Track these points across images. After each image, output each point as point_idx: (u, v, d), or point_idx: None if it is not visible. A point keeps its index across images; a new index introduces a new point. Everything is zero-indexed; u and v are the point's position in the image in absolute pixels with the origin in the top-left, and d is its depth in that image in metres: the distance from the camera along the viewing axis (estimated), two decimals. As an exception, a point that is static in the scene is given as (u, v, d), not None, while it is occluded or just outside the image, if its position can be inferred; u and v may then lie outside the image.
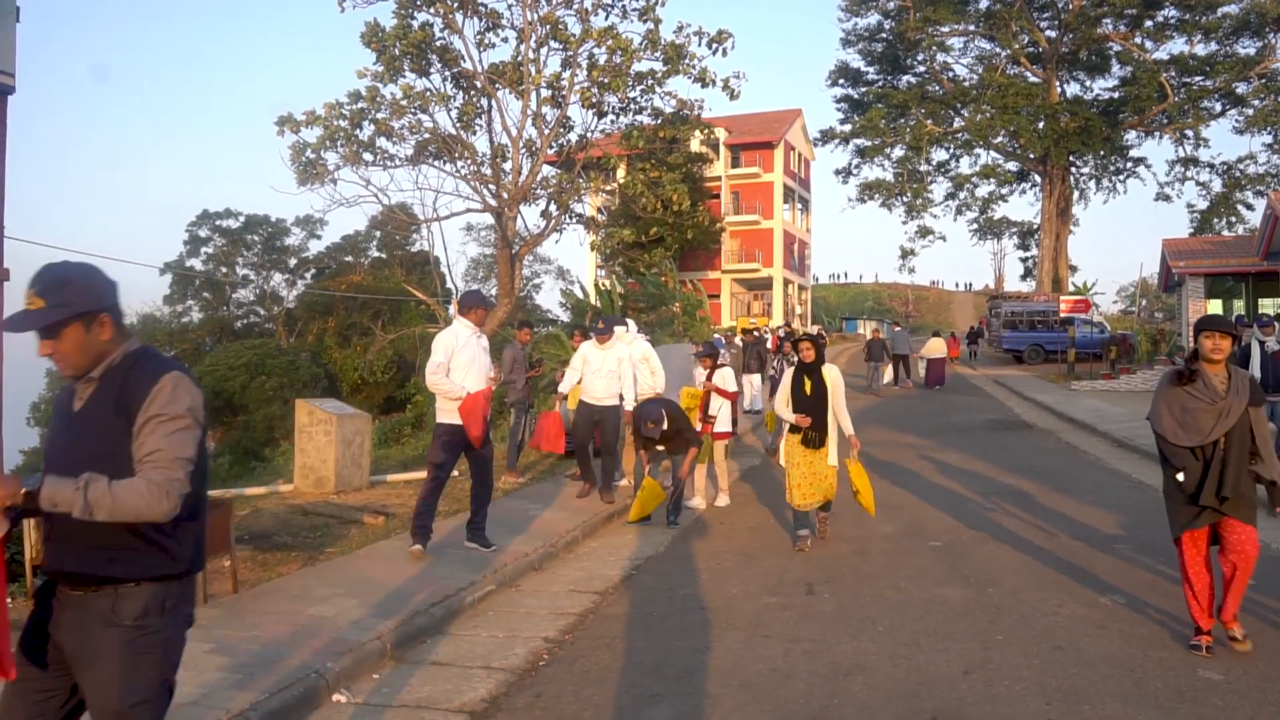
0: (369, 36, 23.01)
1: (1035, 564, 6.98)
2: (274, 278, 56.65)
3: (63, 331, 2.55)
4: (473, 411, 7.05)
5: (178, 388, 2.56)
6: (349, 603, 5.85)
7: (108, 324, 2.60)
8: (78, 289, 2.57)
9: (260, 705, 4.17)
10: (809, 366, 7.66)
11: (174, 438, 2.52)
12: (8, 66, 6.75)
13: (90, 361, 2.61)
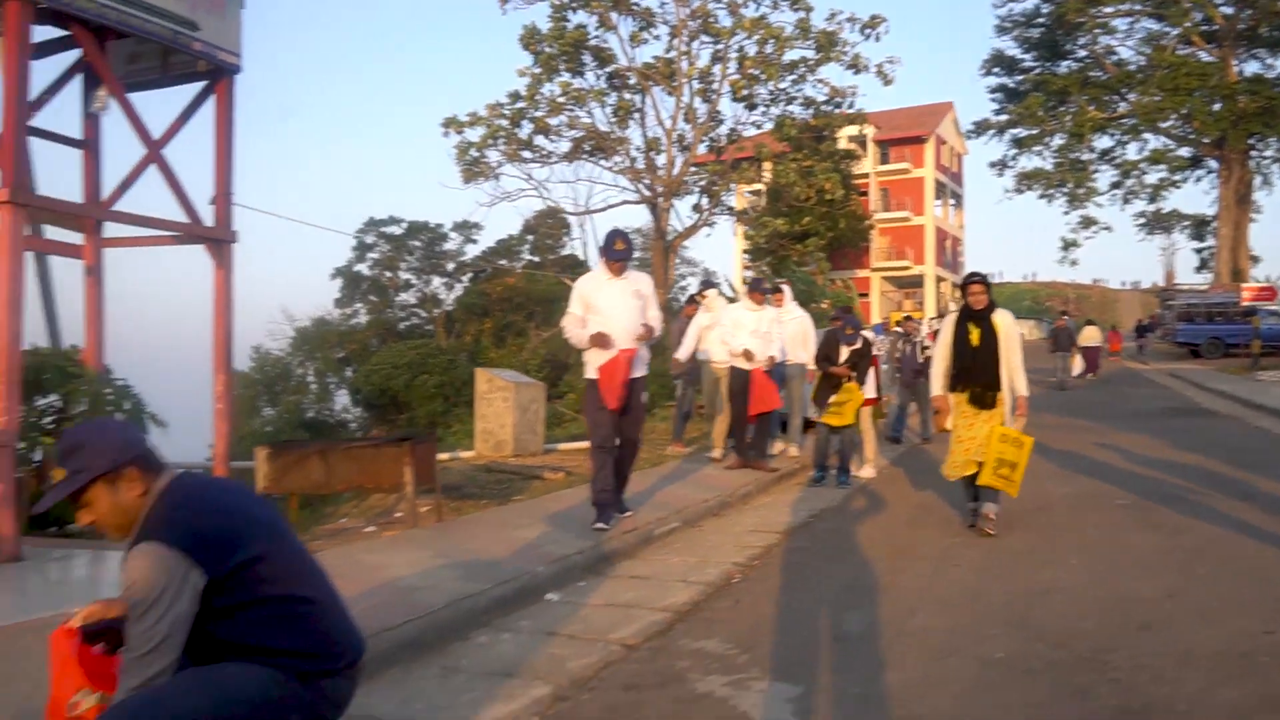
0: (527, 38, 23.87)
1: (1233, 518, 6.72)
2: (434, 281, 59.03)
3: (88, 497, 2.42)
4: (611, 375, 6.11)
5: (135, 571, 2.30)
6: (547, 529, 6.21)
7: (135, 478, 2.43)
8: (93, 450, 2.42)
9: (486, 593, 4.53)
10: (976, 313, 6.52)
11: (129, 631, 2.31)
12: (234, 48, 7.46)
13: (128, 520, 2.45)
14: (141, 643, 2.24)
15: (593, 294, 6.27)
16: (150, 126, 7.33)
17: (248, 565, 2.36)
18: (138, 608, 2.25)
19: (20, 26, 5.99)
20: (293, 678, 2.38)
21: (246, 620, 2.36)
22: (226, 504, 2.51)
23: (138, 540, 2.34)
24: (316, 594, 2.52)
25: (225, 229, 7.54)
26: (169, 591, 2.25)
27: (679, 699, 3.45)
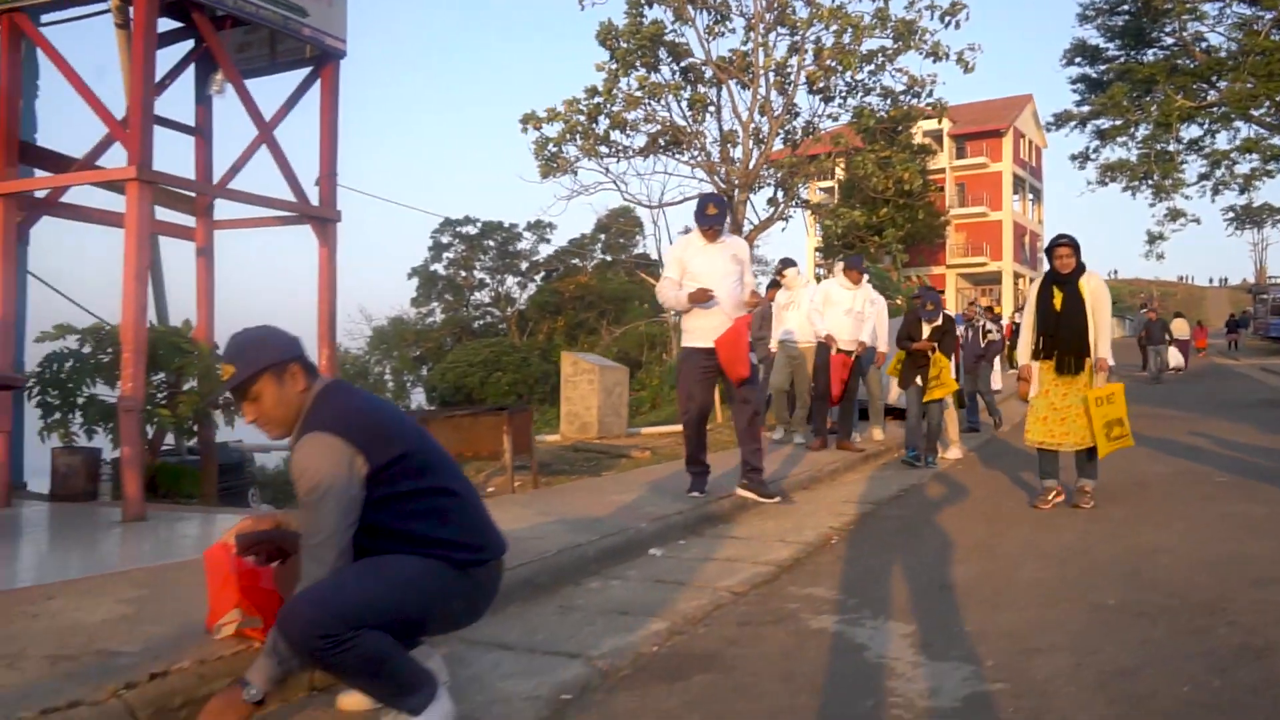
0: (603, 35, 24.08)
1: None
2: (507, 280, 59.79)
3: (256, 390, 2.56)
4: (733, 344, 5.85)
5: (304, 463, 2.45)
6: (643, 495, 6.33)
7: (298, 374, 2.59)
8: (258, 346, 2.58)
9: (594, 544, 4.66)
10: (1062, 277, 6.16)
11: (308, 515, 2.46)
12: (340, 33, 7.74)
13: (292, 415, 2.60)
14: (318, 528, 2.41)
15: (689, 258, 6.10)
16: (256, 113, 7.65)
17: (402, 458, 2.52)
18: (312, 494, 2.40)
19: (148, 15, 6.32)
20: (450, 566, 2.53)
21: (402, 511, 2.52)
22: (380, 404, 2.71)
23: (301, 433, 2.51)
24: (462, 490, 2.68)
25: (330, 208, 7.83)
26: (340, 478, 2.41)
27: (794, 633, 3.54)
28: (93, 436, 7.78)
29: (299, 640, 2.28)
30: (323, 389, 2.61)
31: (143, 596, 3.55)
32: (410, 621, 2.49)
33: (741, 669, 3.12)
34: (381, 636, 2.36)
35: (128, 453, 6.40)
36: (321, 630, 2.27)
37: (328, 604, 2.31)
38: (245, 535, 2.79)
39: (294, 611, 2.30)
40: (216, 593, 2.97)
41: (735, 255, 6.15)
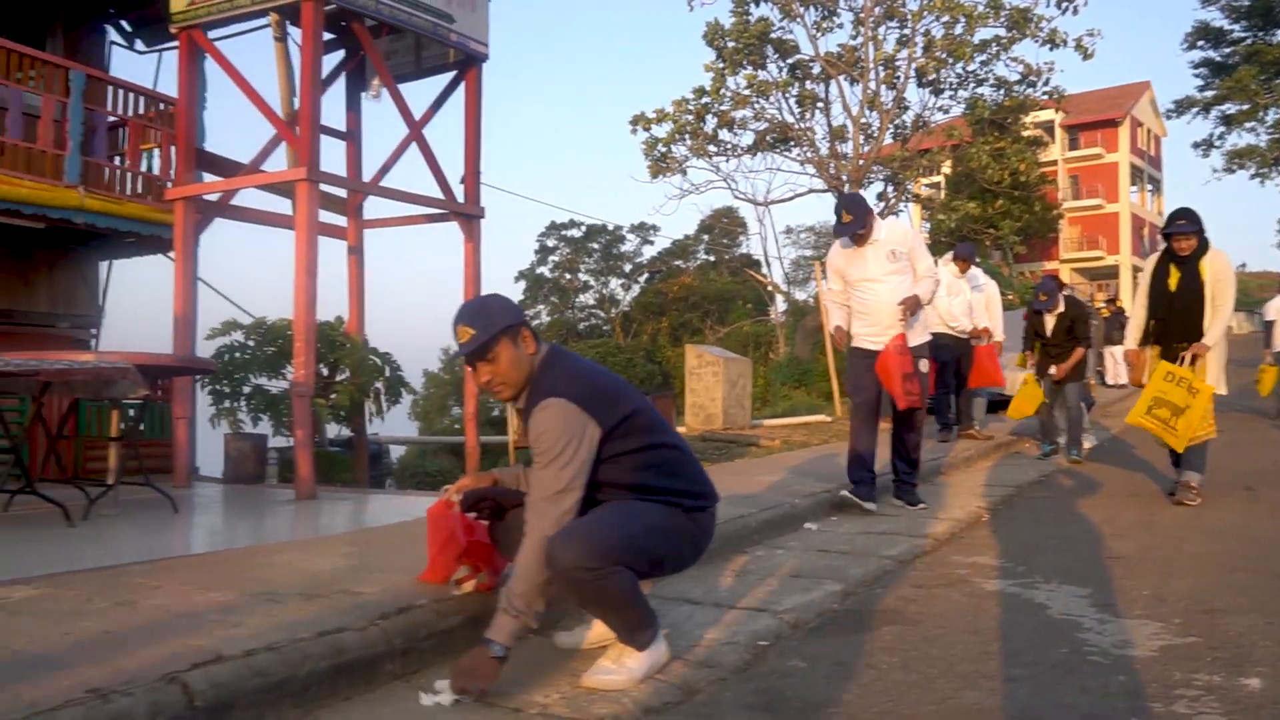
0: (711, 35, 24.22)
1: None
2: (611, 282, 60.43)
3: (495, 351, 2.70)
4: (885, 374, 5.36)
5: (547, 420, 2.61)
6: (786, 477, 6.47)
7: (529, 338, 2.75)
8: (496, 310, 2.74)
9: (754, 516, 4.83)
10: (1182, 258, 5.62)
11: (542, 474, 2.61)
12: (483, 38, 8.10)
13: (524, 377, 2.75)
14: (551, 485, 2.58)
15: (844, 266, 5.63)
16: (399, 116, 8.06)
17: (630, 417, 2.72)
18: (548, 454, 2.59)
19: (315, 26, 6.75)
20: (682, 512, 2.74)
21: (635, 465, 2.72)
22: (601, 369, 2.89)
23: (537, 397, 2.69)
24: (681, 444, 2.89)
25: (475, 205, 8.19)
26: (574, 440, 2.60)
27: (970, 594, 3.64)
28: (258, 423, 8.32)
29: (566, 571, 2.49)
30: (549, 353, 2.78)
31: (358, 553, 3.87)
32: (654, 560, 2.70)
33: (926, 623, 3.25)
34: (631, 574, 2.58)
35: (300, 435, 6.83)
36: (587, 563, 2.48)
37: (592, 540, 2.52)
38: (471, 492, 3.03)
39: (562, 545, 2.50)
40: (439, 548, 3.19)
41: (892, 252, 5.49)
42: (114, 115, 8.44)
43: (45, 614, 2.82)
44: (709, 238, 57.75)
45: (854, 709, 2.44)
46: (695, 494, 2.81)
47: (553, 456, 2.58)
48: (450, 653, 2.81)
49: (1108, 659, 2.77)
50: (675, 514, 2.74)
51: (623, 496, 2.71)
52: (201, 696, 2.18)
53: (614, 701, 2.51)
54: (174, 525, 5.34)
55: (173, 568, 3.62)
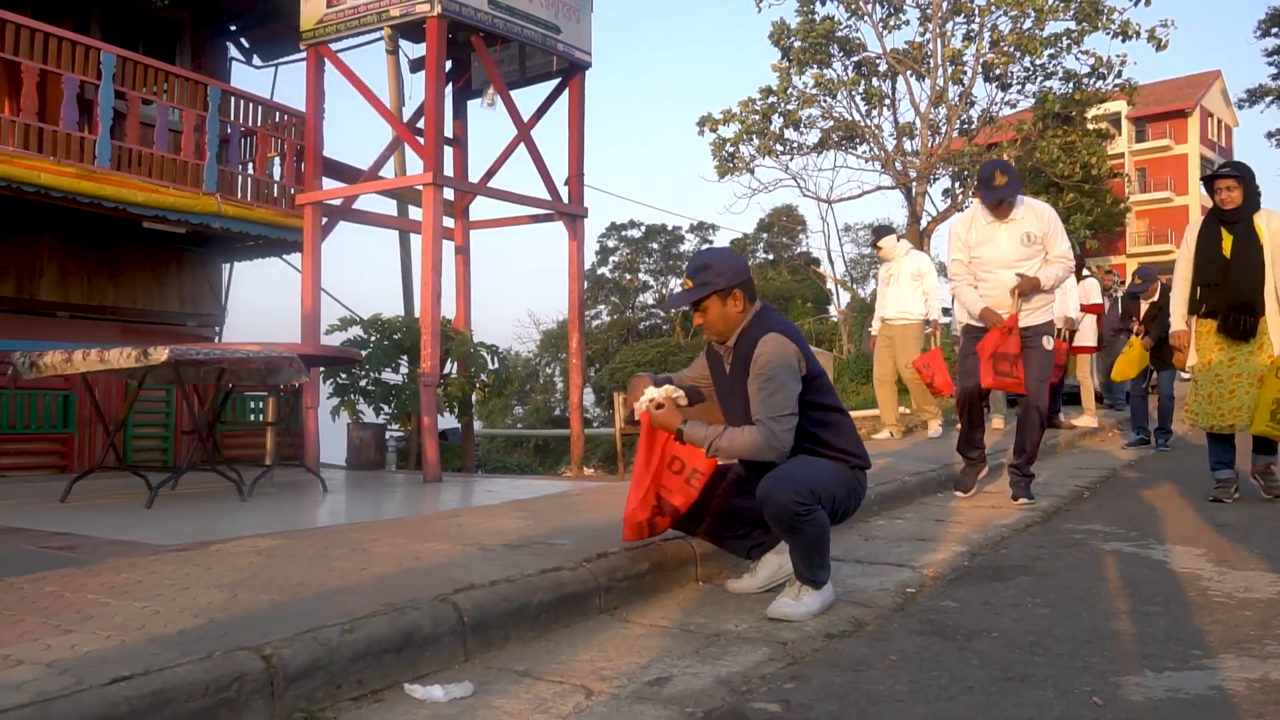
0: (777, 34, 24.48)
1: None
2: (671, 281, 60.80)
3: (705, 305, 3.16)
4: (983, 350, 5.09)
5: (773, 352, 3.03)
6: (890, 460, 6.80)
7: (739, 296, 3.15)
8: (714, 270, 3.14)
9: (872, 489, 5.17)
10: (1230, 214, 5.05)
11: (770, 400, 3.01)
12: (586, 46, 8.54)
13: (729, 328, 3.17)
14: (778, 408, 2.99)
15: (974, 242, 5.23)
16: (501, 124, 8.53)
17: (817, 377, 3.15)
18: (773, 381, 3.00)
19: (439, 40, 7.24)
20: (849, 469, 3.16)
21: (815, 420, 3.12)
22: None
23: (754, 335, 3.08)
24: (846, 412, 3.29)
25: (579, 205, 8.64)
26: (793, 372, 3.04)
27: (1090, 553, 3.97)
28: (379, 413, 8.87)
29: (782, 504, 2.92)
30: (759, 311, 3.18)
31: (529, 517, 4.31)
32: (834, 508, 3.10)
33: (1056, 575, 3.59)
34: (826, 515, 3.02)
35: (427, 422, 7.33)
36: (800, 499, 2.92)
37: (802, 481, 2.96)
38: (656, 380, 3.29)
39: (778, 485, 2.94)
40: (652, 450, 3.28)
41: (1028, 235, 5.08)
42: (243, 126, 9.03)
43: (298, 557, 3.29)
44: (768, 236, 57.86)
45: (1011, 634, 2.81)
46: (858, 455, 3.21)
47: (779, 384, 3.01)
48: (641, 593, 3.24)
49: (1233, 600, 3.09)
50: (846, 470, 3.16)
51: (804, 446, 3.10)
52: (467, 614, 2.62)
53: (797, 629, 2.90)
54: (334, 500, 5.85)
55: (375, 528, 4.10)
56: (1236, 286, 4.97)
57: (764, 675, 2.48)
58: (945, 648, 2.70)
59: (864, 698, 2.29)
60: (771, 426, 2.99)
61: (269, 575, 2.98)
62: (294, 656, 2.17)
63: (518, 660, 2.59)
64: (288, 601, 2.62)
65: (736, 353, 3.17)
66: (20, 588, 2.82)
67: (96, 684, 1.89)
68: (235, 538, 3.77)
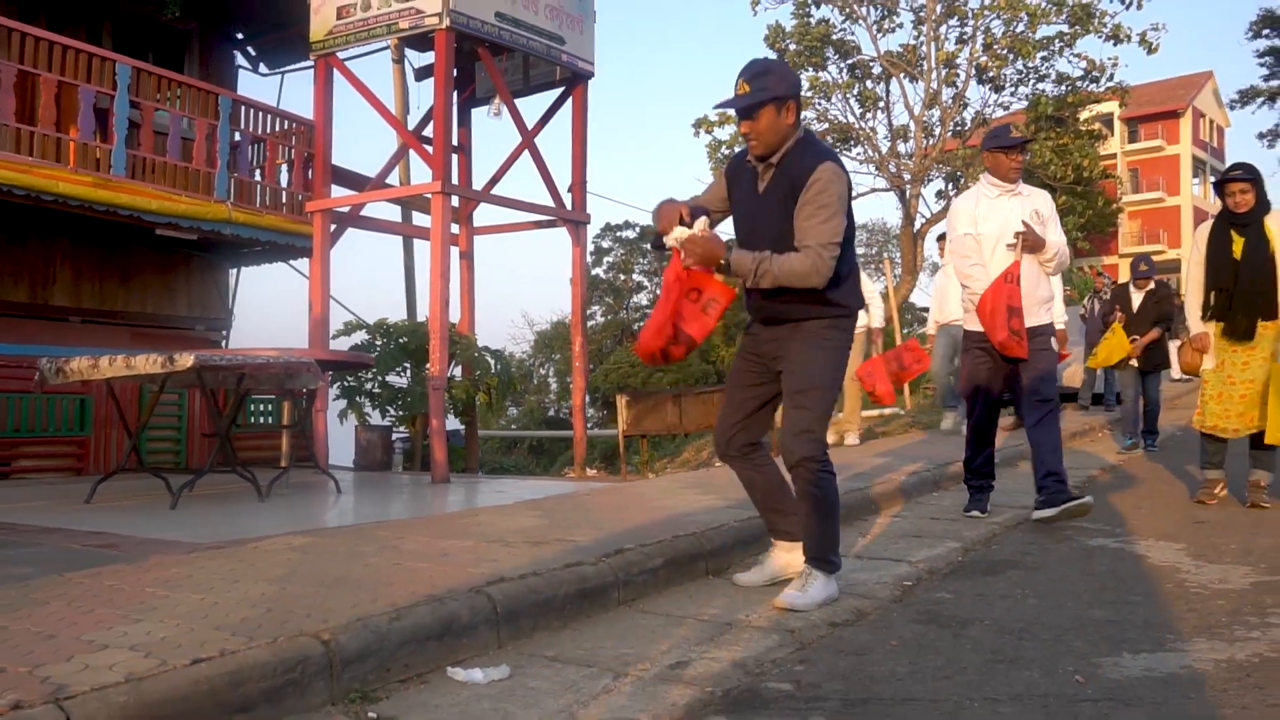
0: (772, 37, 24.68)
1: None
2: (665, 282, 61.02)
3: (759, 113, 3.06)
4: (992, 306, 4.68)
5: (830, 179, 3.03)
6: (886, 460, 7.03)
7: (793, 110, 3.09)
8: (775, 77, 3.07)
9: (870, 489, 5.42)
10: (1241, 218, 5.04)
11: (825, 227, 3.02)
12: (589, 57, 8.75)
13: (778, 142, 3.10)
14: (830, 235, 3.03)
15: (981, 215, 4.86)
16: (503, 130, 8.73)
17: (850, 220, 3.16)
18: (828, 208, 3.02)
19: (447, 52, 7.45)
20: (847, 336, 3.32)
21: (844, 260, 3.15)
22: None
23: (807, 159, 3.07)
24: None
25: (581, 212, 8.86)
26: (845, 202, 3.09)
27: (1078, 548, 4.19)
28: (385, 415, 9.08)
29: (804, 466, 3.16)
30: (809, 133, 3.17)
31: (544, 515, 4.52)
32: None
33: (1045, 569, 3.81)
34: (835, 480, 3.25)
35: (436, 425, 7.55)
36: (818, 456, 3.17)
37: (816, 435, 3.18)
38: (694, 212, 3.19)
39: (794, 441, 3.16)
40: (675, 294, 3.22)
41: (1037, 211, 4.81)
42: (253, 134, 9.23)
43: (332, 554, 3.50)
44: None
45: (1002, 622, 3.03)
46: (854, 305, 3.28)
47: (833, 212, 3.04)
48: (656, 586, 3.45)
49: (1207, 590, 3.32)
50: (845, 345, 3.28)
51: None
52: (500, 605, 2.83)
53: (804, 619, 3.11)
54: (350, 500, 6.05)
55: (399, 526, 4.31)
56: (1249, 290, 4.99)
57: (775, 659, 2.70)
58: (941, 634, 2.91)
59: (867, 678, 2.51)
60: (822, 253, 3.01)
61: (310, 570, 3.18)
62: (349, 642, 2.38)
63: (547, 647, 2.81)
64: (335, 593, 2.82)
65: (779, 172, 3.13)
66: (80, 582, 3.02)
67: (179, 665, 2.10)
68: (269, 536, 3.98)
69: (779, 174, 3.13)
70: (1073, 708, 2.24)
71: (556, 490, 6.18)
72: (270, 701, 2.18)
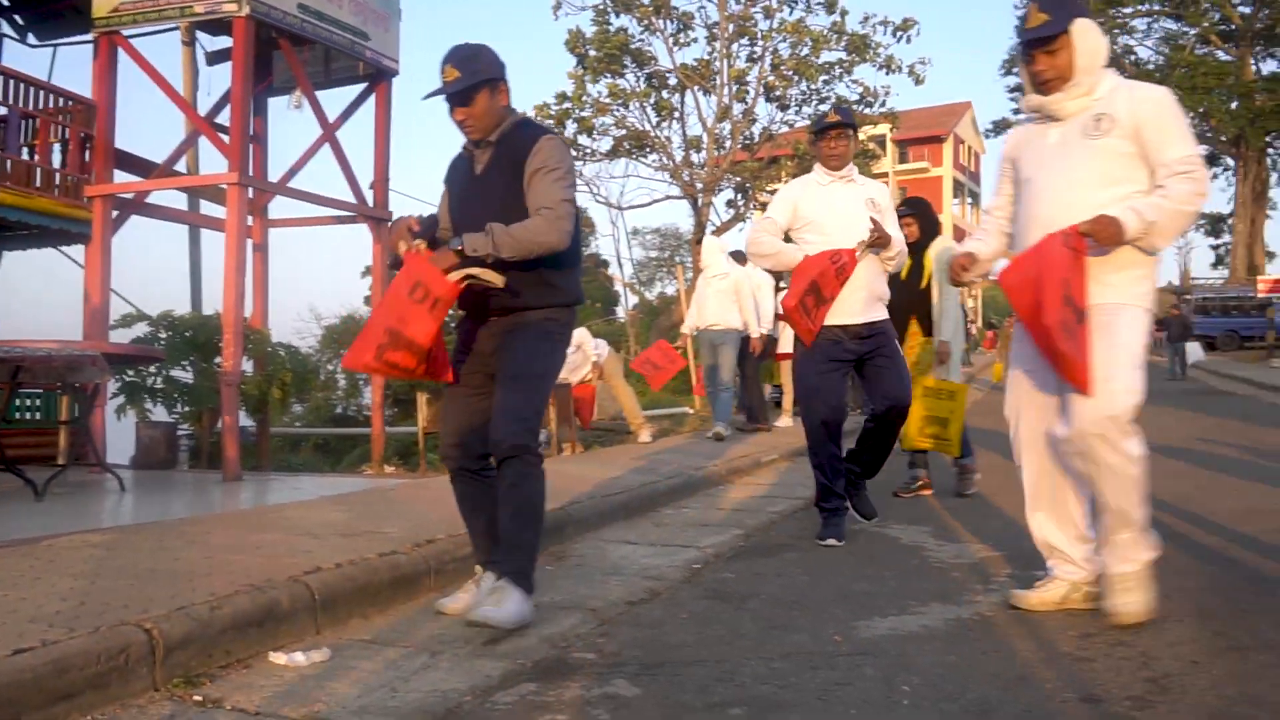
0: (572, 42, 25.10)
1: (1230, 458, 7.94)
2: (459, 278, 60.40)
3: (475, 97, 2.99)
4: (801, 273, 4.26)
5: (556, 146, 3.02)
6: (677, 456, 7.48)
7: (505, 91, 3.07)
8: (484, 61, 3.02)
9: (662, 481, 5.81)
10: (910, 246, 5.26)
11: (558, 186, 2.95)
12: (394, 55, 8.75)
13: (494, 124, 3.05)
14: (562, 195, 2.95)
15: (804, 200, 4.47)
16: (299, 121, 8.61)
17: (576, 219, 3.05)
18: (560, 169, 2.97)
19: (246, 41, 7.28)
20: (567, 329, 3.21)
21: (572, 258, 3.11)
22: None
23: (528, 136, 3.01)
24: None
25: (384, 209, 8.84)
26: (572, 167, 3.08)
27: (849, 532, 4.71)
28: (171, 411, 8.70)
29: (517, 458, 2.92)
30: (523, 118, 3.14)
31: (350, 509, 4.60)
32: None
33: (815, 551, 4.29)
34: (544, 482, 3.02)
35: (229, 421, 7.37)
36: (532, 443, 2.97)
37: (529, 422, 2.99)
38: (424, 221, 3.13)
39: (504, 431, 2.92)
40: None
41: (873, 200, 4.43)
42: (22, 110, 8.61)
43: (137, 550, 3.48)
44: (560, 237, 58.72)
45: (777, 596, 3.44)
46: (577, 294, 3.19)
47: (564, 172, 2.99)
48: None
49: (945, 565, 3.88)
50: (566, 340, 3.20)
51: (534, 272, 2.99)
52: (318, 593, 2.96)
53: (602, 599, 3.40)
54: (139, 499, 5.85)
55: (204, 522, 4.27)
56: (904, 312, 5.45)
57: (579, 634, 2.97)
58: (725, 608, 3.28)
59: (661, 646, 2.83)
60: (559, 210, 2.93)
61: (118, 565, 3.18)
62: (172, 629, 2.46)
63: (364, 631, 2.96)
64: (149, 586, 2.86)
65: (499, 150, 3.07)
66: None
67: (2, 655, 2.13)
68: (61, 534, 3.87)
69: (499, 151, 3.07)
70: (831, 661, 2.64)
71: (359, 486, 6.22)
72: (95, 688, 2.24)
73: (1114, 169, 2.88)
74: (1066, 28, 2.86)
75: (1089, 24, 2.90)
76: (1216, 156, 43.39)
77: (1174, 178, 2.79)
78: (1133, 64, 42.21)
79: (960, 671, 2.53)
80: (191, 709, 2.31)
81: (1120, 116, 2.86)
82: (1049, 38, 2.88)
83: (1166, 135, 2.84)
